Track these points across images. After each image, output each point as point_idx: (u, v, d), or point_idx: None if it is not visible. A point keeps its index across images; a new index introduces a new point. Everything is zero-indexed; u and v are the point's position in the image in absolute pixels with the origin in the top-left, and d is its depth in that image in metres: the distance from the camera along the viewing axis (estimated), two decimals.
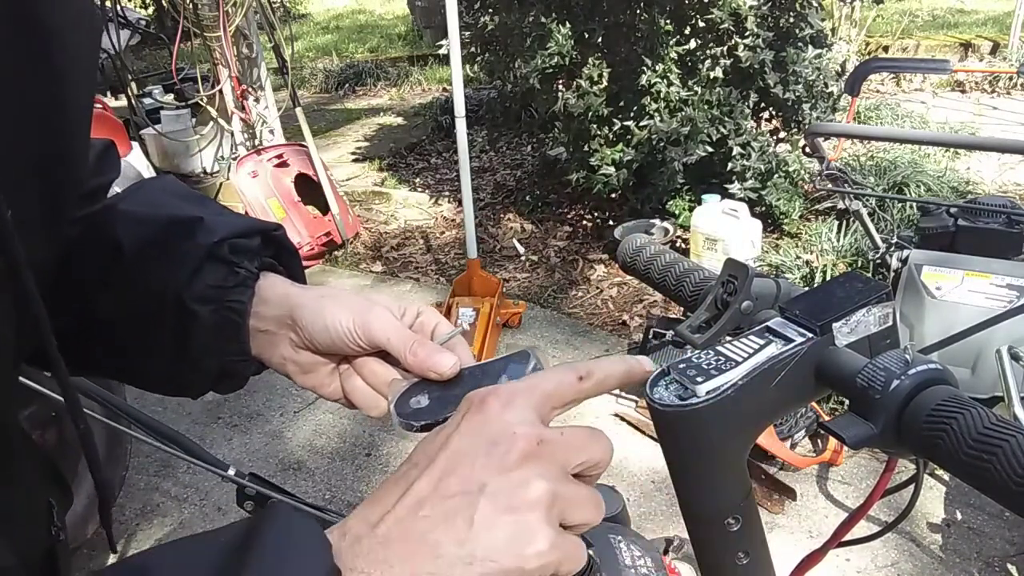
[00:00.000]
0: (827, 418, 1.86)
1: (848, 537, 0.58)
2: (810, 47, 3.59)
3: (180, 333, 0.55)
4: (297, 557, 0.36)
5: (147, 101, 4.93)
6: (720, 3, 3.42)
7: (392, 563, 0.37)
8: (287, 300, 0.56)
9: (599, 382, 0.44)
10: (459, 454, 0.39)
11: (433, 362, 0.51)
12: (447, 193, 4.91)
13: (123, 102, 4.77)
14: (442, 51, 3.32)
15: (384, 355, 0.55)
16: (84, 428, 0.47)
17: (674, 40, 3.55)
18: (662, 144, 3.53)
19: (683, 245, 3.64)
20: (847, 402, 0.46)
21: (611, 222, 4.01)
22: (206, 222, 0.56)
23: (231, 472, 1.04)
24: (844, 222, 3.44)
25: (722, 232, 3.31)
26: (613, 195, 3.91)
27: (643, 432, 2.62)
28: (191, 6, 3.91)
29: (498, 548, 0.37)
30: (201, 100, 4.11)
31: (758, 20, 3.45)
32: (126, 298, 0.55)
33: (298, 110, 4.23)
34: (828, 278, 2.28)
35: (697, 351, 0.49)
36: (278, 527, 0.37)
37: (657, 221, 3.77)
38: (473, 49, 4.22)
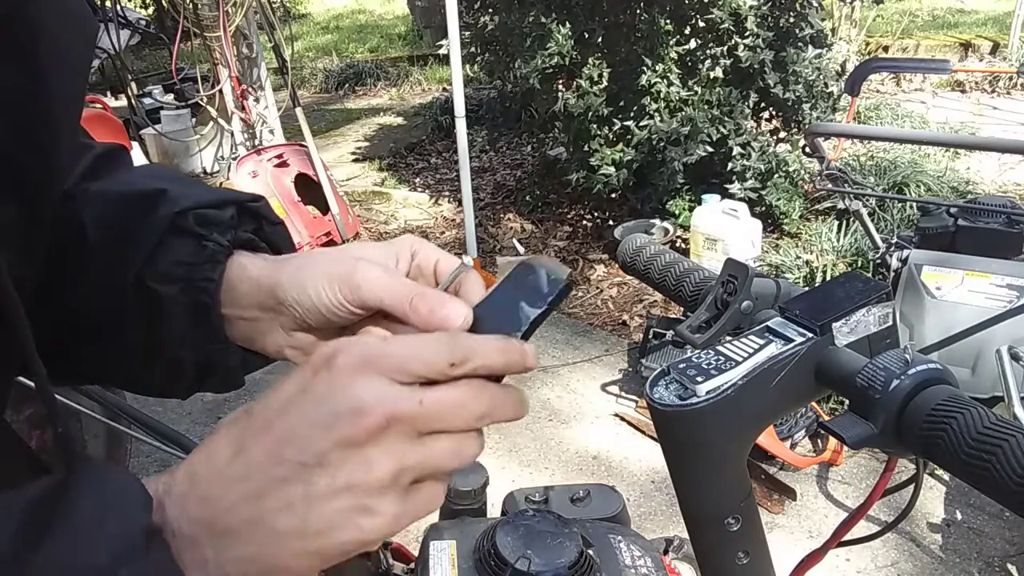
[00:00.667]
0: (827, 418, 1.86)
1: (848, 537, 0.58)
2: (810, 47, 3.59)
3: (147, 322, 0.49)
4: (111, 513, 0.33)
5: (147, 101, 4.94)
6: (720, 3, 3.42)
7: (217, 529, 0.35)
8: (264, 281, 0.49)
9: (471, 371, 0.38)
10: (299, 421, 0.35)
11: (439, 318, 0.43)
12: (447, 193, 4.91)
13: (123, 102, 4.78)
14: (442, 51, 3.32)
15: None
16: (62, 432, 0.43)
17: (674, 40, 3.55)
18: (662, 144, 3.53)
19: (683, 245, 3.64)
20: (847, 402, 0.46)
21: (611, 222, 4.01)
22: (170, 193, 0.50)
23: None
24: (844, 222, 3.44)
25: (722, 232, 3.31)
26: (613, 195, 3.91)
27: (643, 432, 2.62)
28: (191, 6, 3.91)
29: (334, 524, 0.35)
30: (201, 100, 4.11)
31: (758, 20, 3.45)
32: (90, 288, 0.49)
33: (298, 110, 4.23)
34: (828, 278, 2.29)
35: (697, 351, 0.49)
36: (93, 478, 0.34)
37: (657, 221, 3.77)
38: (473, 49, 4.22)
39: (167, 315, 0.49)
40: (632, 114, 3.64)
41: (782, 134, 3.97)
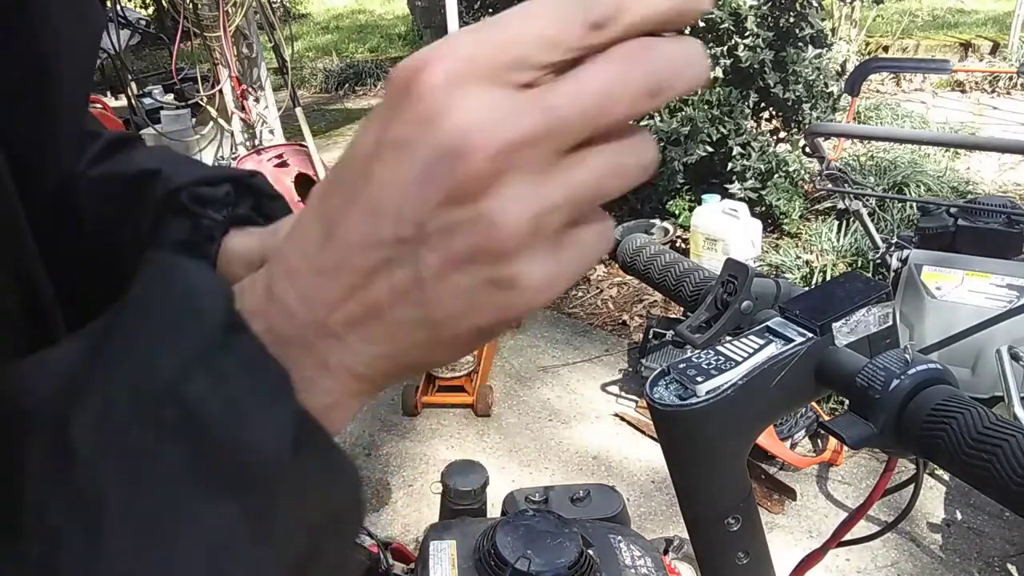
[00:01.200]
0: (827, 418, 1.86)
1: (848, 537, 0.58)
2: (810, 47, 3.59)
3: None
4: (179, 321, 0.26)
5: (147, 101, 4.94)
6: (720, 3, 3.42)
7: (329, 330, 0.27)
8: (253, 256, 0.48)
9: (625, 32, 0.25)
10: (388, 182, 0.25)
11: None
12: None
13: (123, 102, 4.77)
14: None
15: None
16: None
17: None
18: (662, 144, 3.54)
19: (683, 245, 3.64)
20: (847, 402, 0.46)
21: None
22: (164, 173, 0.49)
23: None
24: (844, 222, 3.44)
25: (722, 232, 3.31)
26: None
27: (643, 432, 2.62)
28: (191, 6, 3.91)
29: (465, 308, 0.26)
30: (201, 100, 4.11)
31: (758, 20, 3.46)
32: (93, 272, 0.48)
33: (298, 110, 4.23)
34: (828, 278, 2.29)
35: (697, 351, 0.49)
36: (162, 278, 0.27)
37: (657, 221, 3.75)
38: None
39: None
40: None
41: (782, 134, 3.97)
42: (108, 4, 4.17)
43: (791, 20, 3.58)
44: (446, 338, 0.27)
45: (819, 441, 2.48)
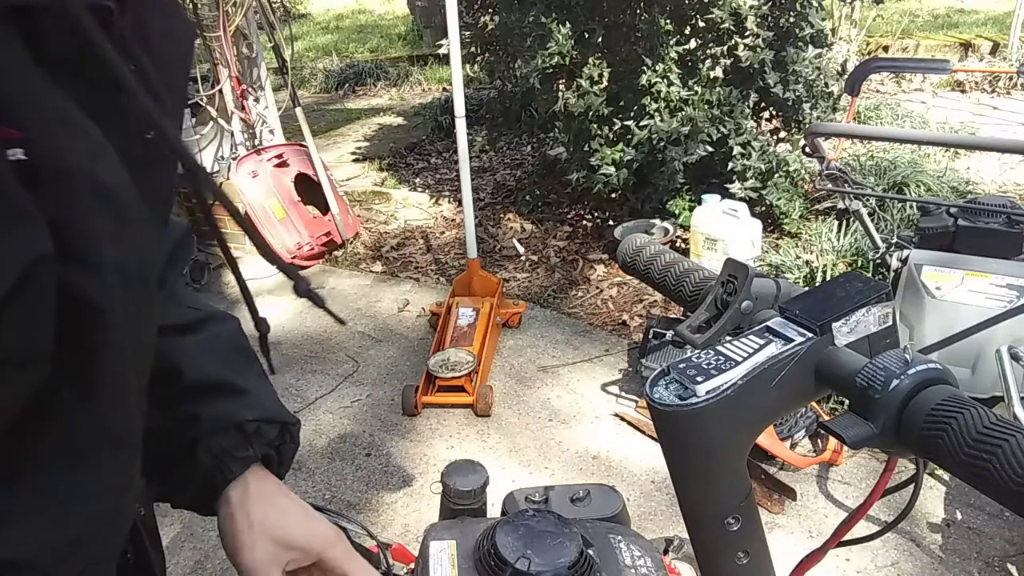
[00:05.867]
0: (827, 418, 1.86)
1: (848, 537, 0.58)
2: (810, 47, 3.59)
3: (174, 463, 0.63)
4: None
5: None
6: (720, 3, 3.42)
7: None
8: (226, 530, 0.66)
9: None
10: None
11: None
12: (447, 193, 4.91)
13: None
14: (442, 51, 3.32)
15: None
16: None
17: (674, 40, 3.55)
18: (662, 144, 3.53)
19: (683, 245, 3.64)
20: (847, 402, 0.46)
21: (611, 222, 4.01)
22: (249, 398, 0.67)
23: None
24: (844, 222, 3.44)
25: (722, 232, 3.31)
26: (613, 195, 3.91)
27: (643, 432, 2.62)
28: (191, 6, 3.91)
29: None
30: (201, 100, 4.11)
31: (758, 20, 3.45)
32: (161, 416, 0.62)
33: (298, 110, 4.23)
34: (828, 278, 2.29)
35: (697, 351, 0.49)
36: None
37: (657, 221, 3.77)
38: (473, 49, 4.22)
39: (187, 474, 0.64)
40: (632, 114, 3.64)
41: (782, 134, 3.97)
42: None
43: (791, 20, 3.58)
44: None
45: (819, 441, 2.48)
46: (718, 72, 3.54)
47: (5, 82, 0.35)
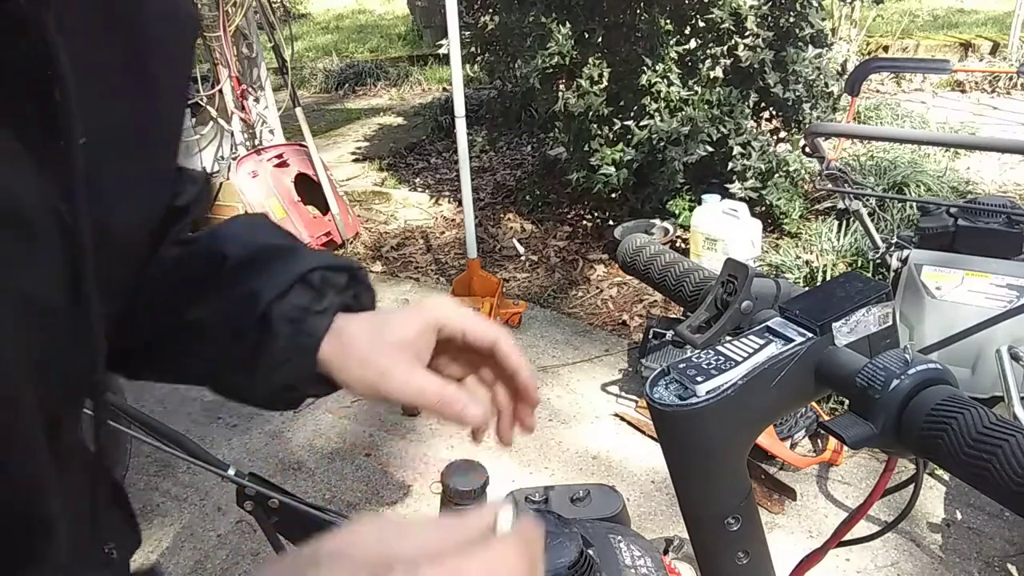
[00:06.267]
0: (827, 418, 1.86)
1: (848, 537, 0.58)
2: (810, 47, 3.59)
3: (256, 345, 0.58)
4: None
5: None
6: (720, 3, 3.42)
7: None
8: (331, 357, 0.61)
9: None
10: None
11: (458, 416, 0.57)
12: (447, 193, 4.91)
13: None
14: (442, 51, 3.32)
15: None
16: (104, 443, 0.49)
17: (674, 40, 3.55)
18: (662, 144, 3.53)
19: (683, 245, 3.64)
20: (847, 402, 0.46)
21: (611, 222, 4.01)
22: (301, 251, 0.62)
23: (231, 472, 1.04)
24: (844, 222, 3.44)
25: (722, 232, 3.31)
26: (613, 195, 3.91)
27: (643, 432, 2.62)
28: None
29: None
30: (201, 100, 4.11)
31: (758, 20, 3.45)
32: (220, 305, 0.59)
33: (298, 110, 4.23)
34: (828, 278, 2.29)
35: (697, 351, 0.49)
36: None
37: (657, 221, 3.77)
38: (473, 49, 4.22)
39: (274, 345, 0.58)
40: (632, 114, 3.64)
41: (782, 134, 3.97)
42: None
43: (791, 20, 3.58)
44: None
45: (819, 441, 2.48)
46: (718, 72, 3.54)
47: None
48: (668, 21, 3.56)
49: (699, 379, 0.45)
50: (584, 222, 4.25)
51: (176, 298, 0.60)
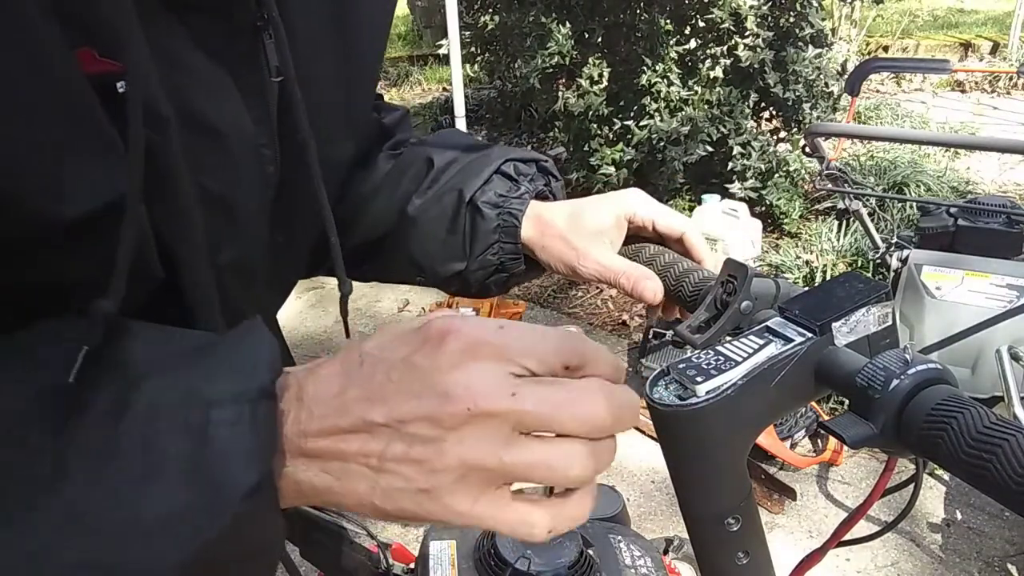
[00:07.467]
0: (827, 418, 1.86)
1: (848, 537, 0.57)
2: (810, 47, 3.59)
3: (471, 229, 0.69)
4: (236, 362, 0.37)
5: None
6: (720, 3, 3.42)
7: (303, 449, 0.37)
8: (533, 239, 0.70)
9: (587, 374, 0.38)
10: (396, 386, 0.36)
11: (639, 291, 0.66)
12: None
13: None
14: (442, 51, 3.32)
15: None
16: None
17: (674, 40, 3.55)
18: (662, 144, 3.53)
19: None
20: (847, 402, 0.46)
21: None
22: (495, 148, 0.72)
23: None
24: (844, 222, 3.44)
25: (722, 232, 3.30)
26: None
27: (643, 432, 2.62)
28: None
29: (400, 492, 0.36)
30: None
31: (758, 20, 3.46)
32: (435, 199, 0.70)
33: None
34: (828, 278, 2.28)
35: (697, 351, 0.49)
36: (245, 334, 0.38)
37: None
38: (473, 49, 4.22)
39: (485, 227, 0.69)
40: (632, 114, 3.64)
41: (782, 134, 3.97)
42: None
43: (791, 20, 3.58)
44: (377, 502, 0.37)
45: (819, 441, 2.48)
46: (718, 72, 3.54)
47: (115, 15, 0.37)
48: (668, 21, 3.56)
49: (699, 379, 0.45)
50: None
51: (397, 198, 0.72)
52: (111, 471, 0.34)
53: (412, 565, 0.84)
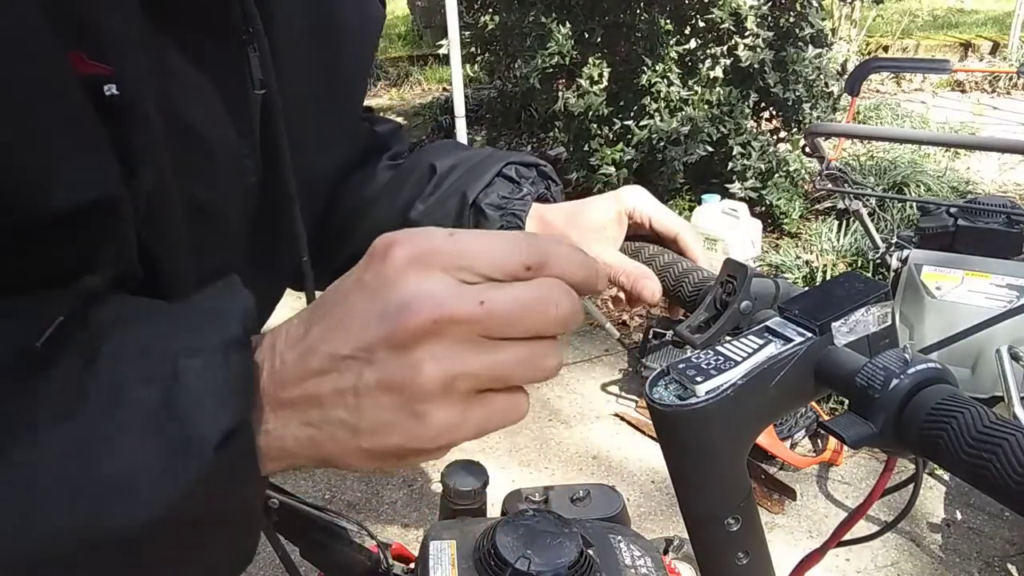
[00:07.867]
0: (827, 418, 1.86)
1: (848, 537, 0.57)
2: (810, 47, 3.59)
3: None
4: (207, 314, 0.36)
5: None
6: (720, 3, 3.42)
7: (281, 399, 0.35)
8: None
9: (549, 275, 0.36)
10: (353, 311, 0.34)
11: (638, 289, 0.67)
12: None
13: None
14: (442, 51, 3.32)
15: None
16: None
17: (674, 40, 3.55)
18: (662, 144, 3.54)
19: None
20: (847, 402, 0.46)
21: None
22: (496, 152, 0.74)
23: None
24: (844, 222, 3.44)
25: (722, 232, 3.31)
26: None
27: (643, 432, 2.62)
28: None
29: (385, 424, 0.34)
30: None
31: (758, 20, 3.46)
32: (438, 203, 0.71)
33: None
34: (828, 278, 2.28)
35: (697, 351, 0.49)
36: (219, 296, 0.38)
37: None
38: (473, 49, 4.22)
39: (488, 229, 0.69)
40: (632, 114, 3.64)
41: (782, 134, 3.97)
42: None
43: (791, 20, 3.58)
44: (364, 444, 0.35)
45: (819, 441, 2.48)
46: (718, 72, 3.54)
47: (107, 22, 0.38)
48: (668, 21, 3.56)
49: (699, 379, 0.45)
50: None
51: (400, 205, 0.73)
52: (76, 426, 0.33)
53: (412, 565, 0.84)
